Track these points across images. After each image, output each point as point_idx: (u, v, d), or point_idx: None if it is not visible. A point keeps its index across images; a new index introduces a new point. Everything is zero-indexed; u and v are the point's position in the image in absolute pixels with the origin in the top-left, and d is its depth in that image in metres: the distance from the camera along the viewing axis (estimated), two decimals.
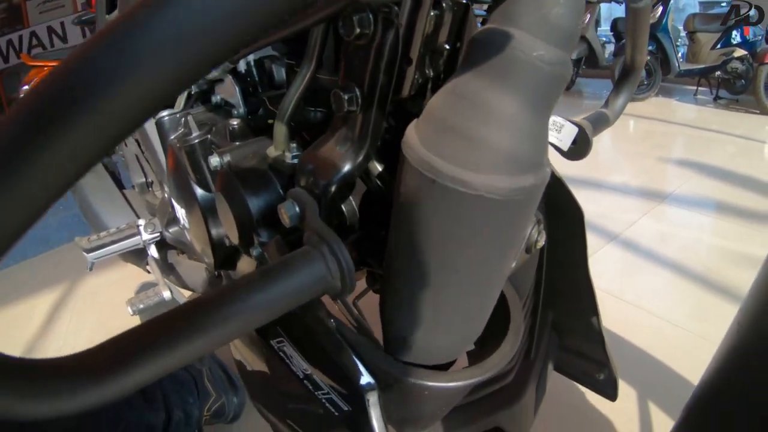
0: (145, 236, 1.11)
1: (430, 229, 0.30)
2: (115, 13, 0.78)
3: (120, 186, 1.33)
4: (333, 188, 0.35)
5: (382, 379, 0.37)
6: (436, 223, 0.29)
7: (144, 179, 1.19)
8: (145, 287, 1.49)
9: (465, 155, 0.27)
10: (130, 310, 1.05)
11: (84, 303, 1.67)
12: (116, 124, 0.14)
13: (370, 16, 0.31)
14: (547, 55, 0.26)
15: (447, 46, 0.35)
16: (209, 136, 0.51)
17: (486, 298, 0.36)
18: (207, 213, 0.54)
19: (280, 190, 0.43)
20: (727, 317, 0.39)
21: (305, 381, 0.40)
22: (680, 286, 1.57)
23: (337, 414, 0.39)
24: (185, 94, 0.65)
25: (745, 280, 1.51)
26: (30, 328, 1.57)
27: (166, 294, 0.93)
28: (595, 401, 1.12)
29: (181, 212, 0.64)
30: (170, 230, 1.09)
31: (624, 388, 1.13)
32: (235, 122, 0.50)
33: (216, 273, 0.91)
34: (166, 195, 0.96)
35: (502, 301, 0.46)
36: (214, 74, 0.56)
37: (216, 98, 0.62)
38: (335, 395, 0.38)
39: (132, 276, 1.70)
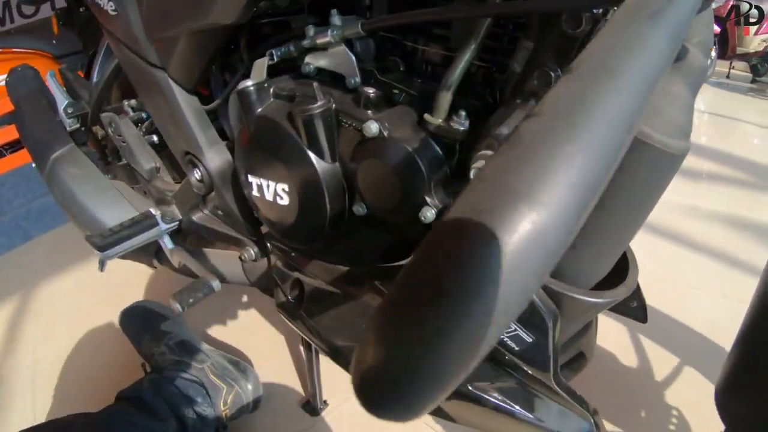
0: (164, 226, 1.04)
1: (628, 179, 0.39)
2: None
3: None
4: None
5: (558, 304, 0.44)
6: (637, 174, 0.39)
7: (153, 164, 1.10)
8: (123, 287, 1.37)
9: (663, 126, 0.38)
10: (178, 307, 0.94)
11: (47, 311, 1.52)
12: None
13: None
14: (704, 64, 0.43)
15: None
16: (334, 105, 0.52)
17: (635, 234, 0.45)
18: (326, 184, 0.55)
19: (443, 155, 0.47)
20: (684, 259, 0.50)
21: None
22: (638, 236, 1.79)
23: (516, 348, 0.45)
24: (266, 62, 0.61)
25: (692, 229, 1.77)
26: None
27: (215, 284, 0.88)
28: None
29: (272, 188, 0.63)
30: (195, 217, 1.03)
31: (620, 327, 1.30)
32: (371, 91, 0.50)
33: (240, 258, 0.89)
34: (196, 177, 0.89)
35: None
36: (323, 40, 0.56)
37: (308, 68, 0.60)
38: (521, 330, 0.44)
39: (87, 280, 1.59)
